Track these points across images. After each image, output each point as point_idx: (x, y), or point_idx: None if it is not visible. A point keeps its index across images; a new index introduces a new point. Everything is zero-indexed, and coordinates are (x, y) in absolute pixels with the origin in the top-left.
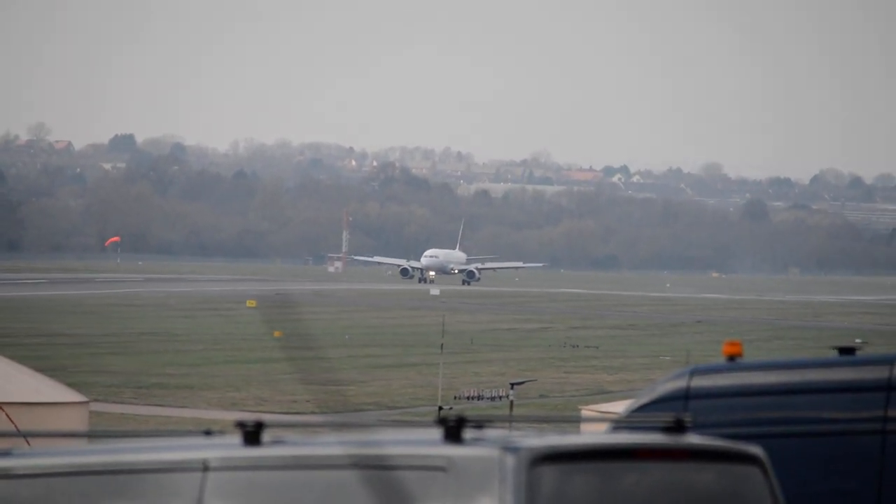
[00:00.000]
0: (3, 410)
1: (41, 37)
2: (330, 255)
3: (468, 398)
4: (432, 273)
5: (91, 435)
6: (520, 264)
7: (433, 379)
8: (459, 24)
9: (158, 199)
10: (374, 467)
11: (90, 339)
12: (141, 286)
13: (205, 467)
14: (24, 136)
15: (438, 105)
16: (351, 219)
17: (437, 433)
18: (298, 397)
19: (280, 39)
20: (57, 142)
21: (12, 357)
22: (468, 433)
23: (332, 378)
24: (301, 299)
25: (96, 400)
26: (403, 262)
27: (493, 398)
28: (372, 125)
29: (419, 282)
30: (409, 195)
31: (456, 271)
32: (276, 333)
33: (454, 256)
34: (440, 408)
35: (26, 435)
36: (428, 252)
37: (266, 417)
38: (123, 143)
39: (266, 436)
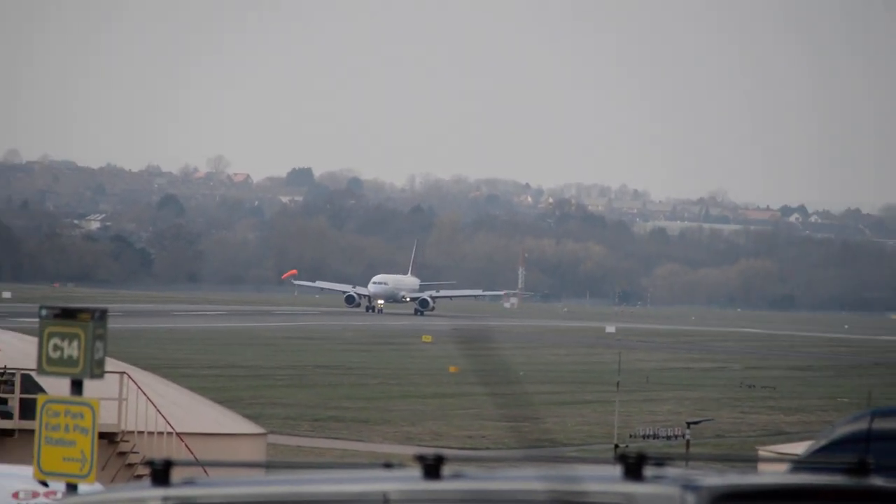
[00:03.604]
0: (183, 441)
1: (220, 72)
2: (506, 291)
3: (644, 437)
4: (381, 301)
5: (269, 466)
6: (479, 292)
7: (608, 416)
8: (633, 62)
9: (335, 232)
10: (556, 503)
11: (267, 371)
12: (317, 319)
13: (385, 500)
14: (203, 169)
15: (615, 142)
16: (527, 255)
17: (616, 470)
18: (474, 433)
19: (457, 77)
20: (235, 174)
21: (192, 388)
22: (648, 470)
23: (507, 414)
24: (477, 335)
25: (273, 432)
26: (349, 289)
27: (668, 437)
28: (548, 161)
29: (367, 310)
30: (585, 232)
31: (408, 299)
32: (452, 369)
33: (405, 283)
34: (616, 445)
35: (205, 465)
36: (376, 278)
37: (445, 452)
38: (301, 176)
39: (446, 470)
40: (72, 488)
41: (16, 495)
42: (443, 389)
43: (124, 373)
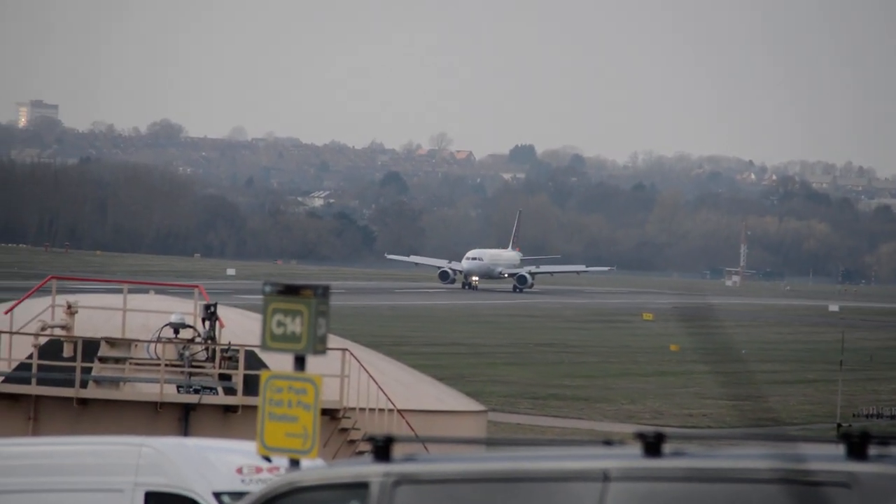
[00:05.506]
0: (404, 418)
1: (443, 50)
2: (728, 268)
3: (867, 416)
4: (475, 278)
5: (489, 443)
6: (582, 268)
7: (831, 396)
8: (858, 39)
9: (557, 210)
10: (780, 482)
11: (487, 348)
12: (538, 297)
13: (605, 477)
14: (425, 146)
15: (839, 120)
16: (749, 233)
17: (840, 449)
18: (695, 411)
19: (681, 54)
20: (458, 152)
21: (413, 365)
22: (873, 449)
23: (729, 392)
24: (697, 313)
25: (493, 410)
26: (444, 264)
27: (893, 416)
28: (771, 139)
29: (464, 287)
30: (808, 210)
31: (506, 275)
32: (673, 347)
33: (504, 258)
34: (839, 425)
35: (425, 441)
36: (470, 253)
37: (666, 429)
38: (523, 153)
39: (667, 447)
40: (294, 464)
41: (239, 470)
42: (663, 368)
43: (346, 350)
